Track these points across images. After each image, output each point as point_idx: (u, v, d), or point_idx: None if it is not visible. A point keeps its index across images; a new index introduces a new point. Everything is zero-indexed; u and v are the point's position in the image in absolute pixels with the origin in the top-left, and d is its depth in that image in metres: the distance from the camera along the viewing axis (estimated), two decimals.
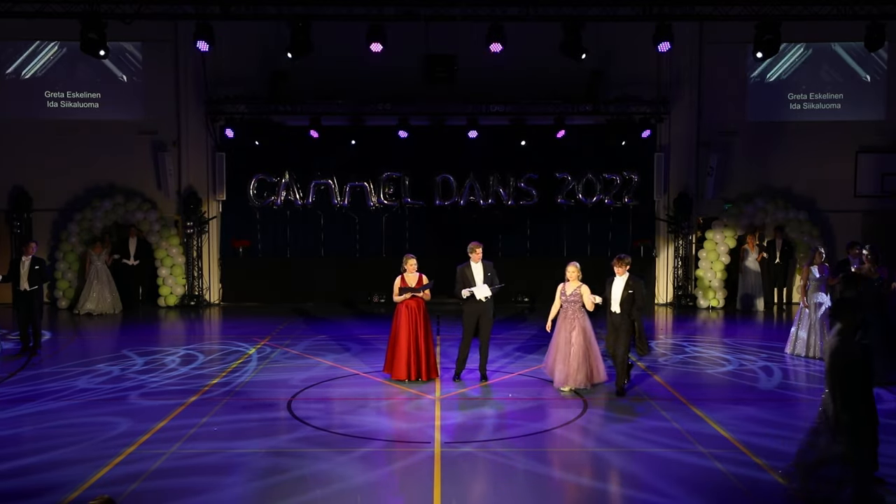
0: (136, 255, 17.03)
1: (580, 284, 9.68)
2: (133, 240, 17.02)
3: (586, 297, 9.60)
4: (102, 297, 16.37)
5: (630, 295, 9.41)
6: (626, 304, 9.44)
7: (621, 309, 9.46)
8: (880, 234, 16.74)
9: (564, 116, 17.05)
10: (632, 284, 9.45)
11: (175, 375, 10.70)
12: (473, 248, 10.19)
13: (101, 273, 16.46)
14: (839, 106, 17.74)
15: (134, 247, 17.00)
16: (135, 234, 17.06)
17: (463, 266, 10.24)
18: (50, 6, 12.97)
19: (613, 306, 9.52)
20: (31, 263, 11.91)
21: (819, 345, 11.77)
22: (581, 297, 9.63)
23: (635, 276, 9.54)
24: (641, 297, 9.47)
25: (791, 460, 6.49)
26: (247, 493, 6.55)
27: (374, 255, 18.02)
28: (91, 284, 16.38)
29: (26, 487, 6.59)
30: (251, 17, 13.99)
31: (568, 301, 9.66)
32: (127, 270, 16.99)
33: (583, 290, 9.62)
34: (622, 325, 9.47)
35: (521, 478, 6.98)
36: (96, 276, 16.40)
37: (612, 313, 9.54)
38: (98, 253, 16.49)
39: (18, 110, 17.48)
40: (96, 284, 16.38)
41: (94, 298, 16.32)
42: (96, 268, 16.42)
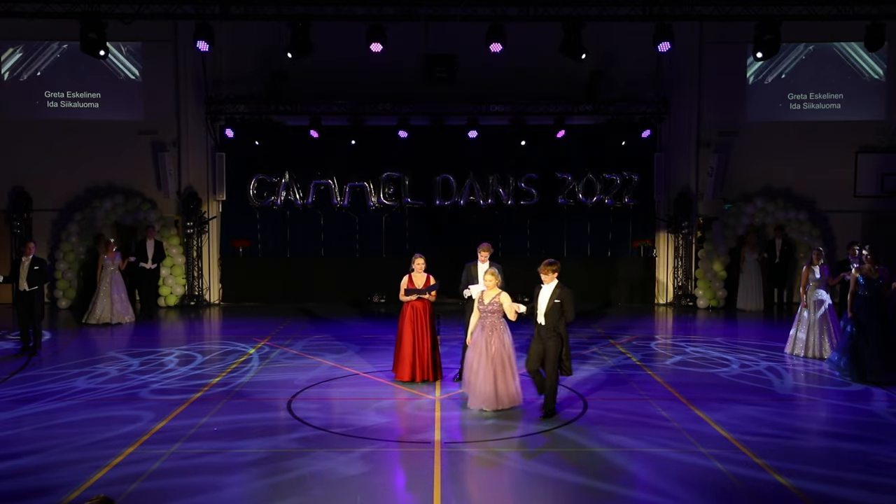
0: (154, 258, 15.99)
1: (499, 292, 8.80)
2: (151, 241, 15.98)
3: (507, 307, 8.71)
4: (116, 305, 15.14)
5: (557, 305, 8.48)
6: (552, 314, 8.50)
7: (547, 320, 8.53)
8: (880, 234, 16.75)
9: (564, 116, 17.06)
10: (560, 293, 8.54)
11: (175, 375, 10.70)
12: (481, 249, 10.18)
13: (115, 279, 15.23)
14: (839, 106, 17.74)
15: (152, 249, 15.93)
16: (152, 236, 16.08)
17: (470, 264, 10.25)
18: (50, 6, 12.96)
19: (539, 317, 8.61)
20: (30, 264, 11.91)
21: (818, 345, 11.78)
22: (501, 307, 8.74)
23: (564, 285, 8.66)
24: (571, 308, 8.55)
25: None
26: (247, 493, 6.54)
27: (374, 255, 18.02)
28: (102, 292, 15.09)
29: (26, 488, 6.58)
30: (251, 17, 13.98)
31: (486, 311, 8.75)
32: (144, 274, 15.97)
33: (503, 298, 8.74)
34: (549, 338, 8.51)
35: (520, 478, 6.98)
36: (109, 282, 15.13)
37: (539, 325, 8.63)
38: (112, 258, 15.20)
39: (18, 110, 17.48)
40: (109, 292, 15.12)
41: (106, 307, 15.07)
42: (109, 273, 15.19)
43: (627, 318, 16.04)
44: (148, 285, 16.10)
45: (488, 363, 8.60)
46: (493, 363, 8.61)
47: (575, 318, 8.67)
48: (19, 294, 12.00)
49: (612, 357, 11.91)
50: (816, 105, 17.82)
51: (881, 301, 10.50)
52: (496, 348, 8.65)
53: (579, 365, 11.32)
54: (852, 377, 10.36)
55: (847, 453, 7.51)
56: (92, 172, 17.48)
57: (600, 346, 12.75)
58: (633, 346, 12.86)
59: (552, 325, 8.52)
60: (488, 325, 8.74)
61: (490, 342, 8.66)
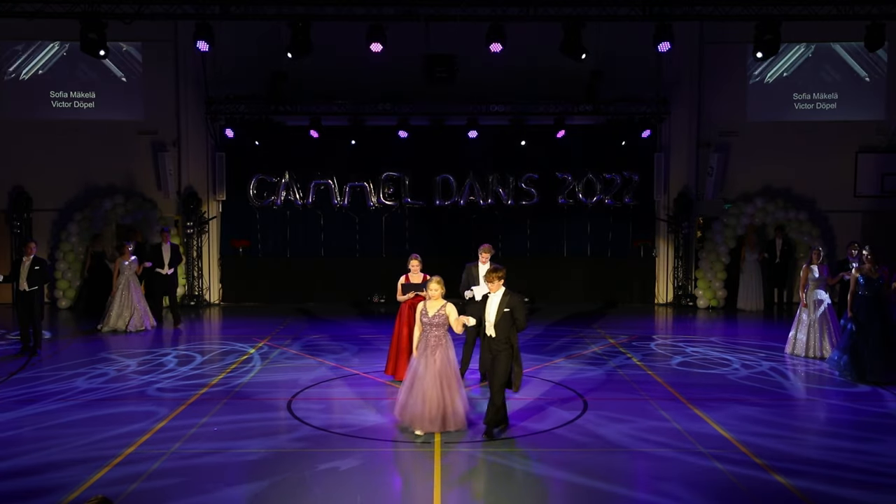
0: (171, 263, 14.90)
1: (444, 303, 7.99)
2: (167, 245, 14.91)
3: (453, 320, 7.95)
4: (134, 312, 14.17)
5: (508, 314, 7.79)
6: (503, 325, 7.81)
7: (498, 332, 7.83)
8: (880, 234, 16.75)
9: (564, 116, 17.07)
10: (510, 301, 7.83)
11: (175, 375, 10.70)
12: (482, 250, 10.19)
13: (132, 285, 14.28)
14: (839, 106, 17.73)
15: (168, 253, 14.82)
16: (168, 239, 15.08)
17: (471, 265, 10.26)
18: (50, 6, 12.96)
19: (489, 329, 7.90)
20: (31, 264, 11.90)
21: (818, 345, 11.78)
22: (447, 320, 7.97)
23: (513, 292, 7.96)
24: (523, 315, 7.89)
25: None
26: (247, 494, 6.54)
27: (374, 255, 18.03)
28: (119, 299, 14.14)
29: (26, 488, 6.58)
30: (251, 17, 13.97)
31: (431, 325, 7.93)
32: (161, 281, 14.88)
33: (448, 310, 7.95)
34: (501, 350, 7.85)
35: (520, 478, 6.98)
36: (126, 287, 14.19)
37: (489, 337, 7.93)
38: (128, 260, 14.29)
39: (18, 110, 17.49)
40: (129, 299, 14.19)
41: (123, 315, 14.15)
42: (126, 279, 14.23)
43: (627, 318, 16.03)
44: (166, 292, 15.04)
45: (434, 382, 7.81)
46: (440, 382, 7.82)
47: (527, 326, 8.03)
48: (19, 294, 11.99)
49: (612, 357, 11.91)
50: (816, 105, 17.82)
51: (881, 301, 10.50)
52: (441, 365, 7.86)
53: (579, 365, 11.33)
54: (852, 377, 10.36)
55: (847, 453, 7.51)
56: (92, 172, 17.48)
57: (600, 346, 12.75)
58: (633, 346, 12.86)
59: (504, 336, 7.83)
60: (433, 340, 7.92)
61: (435, 359, 7.87)
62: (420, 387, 7.83)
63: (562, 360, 11.63)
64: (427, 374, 7.83)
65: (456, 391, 7.91)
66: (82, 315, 16.19)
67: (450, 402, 7.83)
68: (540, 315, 16.19)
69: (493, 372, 7.90)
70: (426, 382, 7.81)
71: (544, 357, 11.83)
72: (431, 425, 7.84)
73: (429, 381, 7.81)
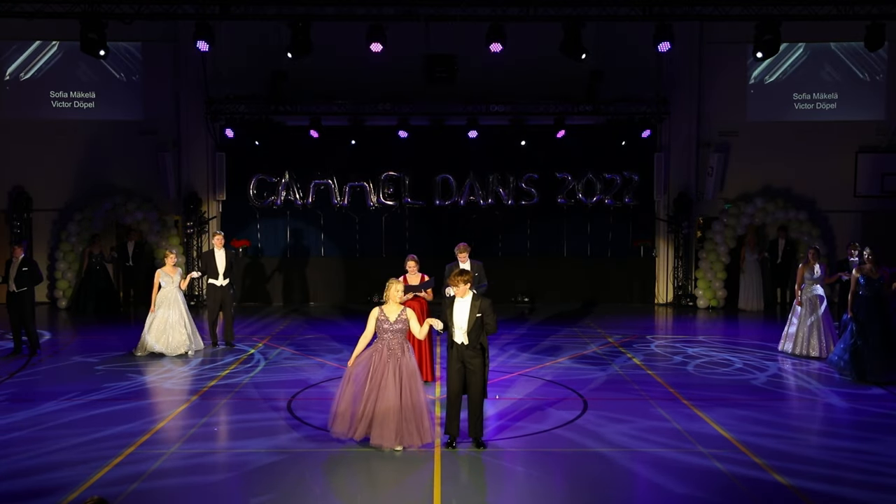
0: (226, 273, 12.81)
1: (403, 307, 7.58)
2: (221, 252, 12.72)
3: (415, 325, 7.58)
4: (177, 332, 11.94)
5: (479, 319, 7.44)
6: (475, 331, 7.45)
7: (470, 338, 7.46)
8: (880, 234, 16.74)
9: (564, 116, 17.06)
10: (480, 305, 7.47)
11: (174, 375, 10.70)
12: (459, 250, 10.27)
13: (177, 299, 12.11)
14: (839, 106, 17.73)
15: (223, 261, 12.68)
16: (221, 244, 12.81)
17: (451, 265, 10.30)
18: (50, 6, 12.96)
19: (459, 336, 7.49)
20: (19, 265, 11.87)
21: (806, 343, 11.78)
22: (408, 325, 7.50)
23: (482, 296, 7.67)
24: (493, 319, 7.52)
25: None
26: (247, 494, 6.54)
27: (374, 255, 18.02)
28: (160, 318, 11.93)
29: (25, 489, 6.58)
30: (251, 17, 13.97)
31: (393, 331, 7.42)
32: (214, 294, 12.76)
33: (409, 314, 7.52)
34: (474, 357, 7.48)
35: (520, 478, 6.98)
36: (168, 303, 12.03)
37: (459, 345, 7.51)
38: (172, 274, 12.15)
39: (19, 110, 17.48)
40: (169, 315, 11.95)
41: (163, 335, 11.85)
42: (169, 294, 12.08)
43: (627, 317, 16.03)
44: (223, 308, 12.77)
45: (405, 392, 7.31)
46: (409, 391, 7.33)
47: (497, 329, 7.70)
48: (9, 295, 11.95)
49: (612, 357, 11.90)
50: (816, 105, 17.82)
51: (881, 301, 10.50)
52: (408, 374, 7.37)
53: (579, 365, 11.33)
54: (852, 377, 10.36)
55: (847, 453, 7.51)
56: (92, 172, 17.48)
57: (600, 346, 12.75)
58: (634, 346, 12.86)
59: (476, 342, 7.48)
60: (396, 346, 7.40)
61: (401, 367, 7.36)
62: (385, 397, 7.24)
63: (561, 360, 11.63)
64: (393, 383, 7.27)
65: (424, 402, 7.45)
66: (77, 316, 16.17)
67: (419, 412, 7.35)
68: (540, 315, 16.19)
69: (471, 382, 7.50)
70: (394, 392, 7.25)
71: (544, 357, 11.83)
72: (412, 438, 7.34)
73: (397, 391, 7.26)
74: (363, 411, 7.32)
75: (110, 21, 13.17)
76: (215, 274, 12.61)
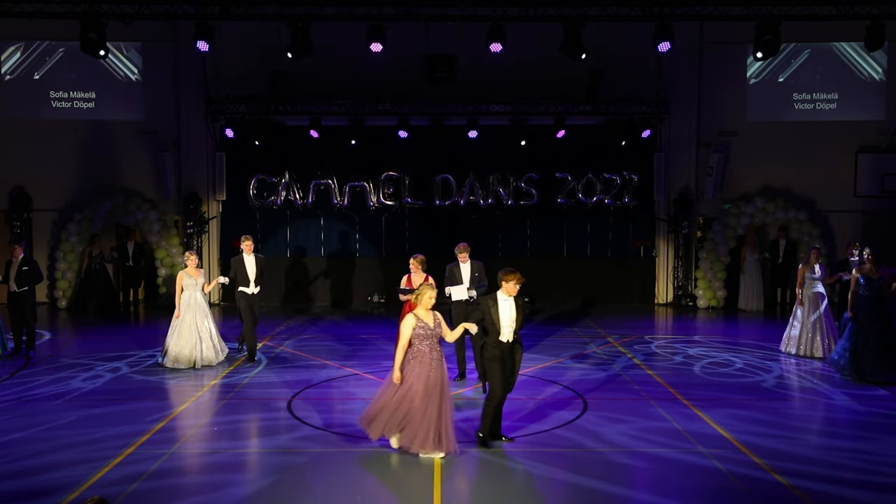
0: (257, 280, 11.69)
1: (435, 313, 7.45)
2: (251, 258, 11.68)
3: (446, 329, 7.47)
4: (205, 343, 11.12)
5: (522, 318, 7.65)
6: (518, 330, 7.66)
7: (516, 336, 7.63)
8: (880, 234, 16.74)
9: (564, 116, 17.05)
10: (520, 304, 7.64)
11: (174, 375, 10.69)
12: (460, 250, 10.29)
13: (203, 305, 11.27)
14: (839, 106, 17.73)
15: (254, 267, 11.65)
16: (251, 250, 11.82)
17: (452, 265, 10.33)
18: (50, 6, 12.96)
19: (506, 335, 7.53)
20: (20, 265, 11.88)
21: (809, 343, 11.79)
22: (441, 331, 7.43)
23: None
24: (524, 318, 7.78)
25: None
26: (247, 494, 6.54)
27: (374, 255, 18.03)
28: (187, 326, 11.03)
29: (26, 489, 6.58)
30: (251, 17, 13.98)
31: (432, 337, 7.30)
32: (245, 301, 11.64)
33: (440, 318, 7.47)
34: (517, 353, 7.65)
35: (520, 478, 6.98)
36: (195, 308, 11.14)
37: (505, 345, 7.53)
38: (195, 276, 11.24)
39: (19, 110, 17.48)
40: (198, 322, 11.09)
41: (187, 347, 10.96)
42: (193, 300, 11.18)
43: (627, 318, 16.03)
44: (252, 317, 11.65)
45: (447, 397, 7.30)
46: (446, 402, 7.28)
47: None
48: (10, 295, 11.95)
49: (612, 357, 11.91)
50: (816, 105, 17.82)
51: (881, 301, 10.50)
52: (445, 379, 7.37)
53: (579, 365, 11.33)
54: (852, 377, 10.36)
55: (847, 453, 7.51)
56: (92, 172, 17.47)
57: (600, 346, 12.75)
58: (634, 346, 12.86)
59: (517, 338, 7.65)
60: (437, 353, 7.31)
61: (441, 371, 7.31)
62: (438, 404, 7.18)
63: (561, 361, 11.63)
64: (440, 388, 7.23)
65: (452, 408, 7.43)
66: (76, 316, 16.17)
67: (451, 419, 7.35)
68: (540, 315, 16.19)
69: (510, 382, 7.62)
70: (438, 397, 7.21)
71: (544, 357, 11.83)
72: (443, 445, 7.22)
73: (443, 397, 7.24)
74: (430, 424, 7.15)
75: (110, 21, 13.17)
76: (246, 281, 11.55)
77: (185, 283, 11.19)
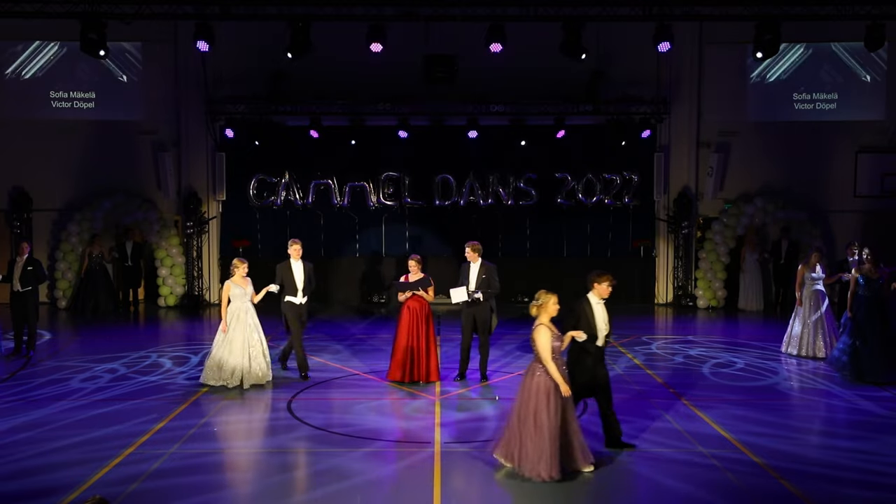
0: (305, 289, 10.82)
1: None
2: (299, 264, 10.74)
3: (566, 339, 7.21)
4: (258, 360, 9.99)
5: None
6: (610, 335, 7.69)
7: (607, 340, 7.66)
8: (880, 234, 16.73)
9: (564, 116, 17.04)
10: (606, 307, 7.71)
11: (174, 375, 10.69)
12: (468, 248, 10.24)
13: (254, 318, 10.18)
14: (839, 106, 17.73)
15: (302, 274, 10.71)
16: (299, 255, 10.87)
17: (465, 264, 10.31)
18: (50, 6, 12.96)
19: (602, 339, 7.56)
20: (24, 264, 11.89)
21: (812, 344, 11.79)
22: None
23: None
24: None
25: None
26: (247, 494, 6.54)
27: (374, 255, 18.03)
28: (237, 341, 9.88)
29: (26, 489, 6.58)
30: (251, 17, 13.98)
31: (559, 346, 7.02)
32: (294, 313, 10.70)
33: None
34: (605, 356, 7.70)
35: (520, 478, 6.97)
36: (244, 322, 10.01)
37: (598, 348, 7.54)
38: (244, 286, 10.13)
39: (19, 110, 17.47)
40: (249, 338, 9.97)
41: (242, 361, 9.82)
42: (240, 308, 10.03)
43: (627, 318, 16.01)
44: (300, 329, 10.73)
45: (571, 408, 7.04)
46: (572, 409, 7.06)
47: None
48: (13, 295, 11.96)
49: (612, 357, 11.90)
50: (816, 105, 17.80)
51: (881, 301, 10.50)
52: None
53: None
54: (851, 377, 10.35)
55: (847, 453, 7.51)
56: (92, 172, 17.46)
57: None
58: (633, 346, 12.86)
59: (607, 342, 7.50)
60: (561, 360, 7.05)
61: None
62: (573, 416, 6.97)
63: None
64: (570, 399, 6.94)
65: None
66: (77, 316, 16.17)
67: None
68: None
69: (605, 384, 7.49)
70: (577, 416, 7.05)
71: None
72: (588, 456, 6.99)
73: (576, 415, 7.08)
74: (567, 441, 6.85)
75: (110, 21, 13.17)
76: (293, 290, 10.56)
77: (234, 294, 10.02)
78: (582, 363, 7.36)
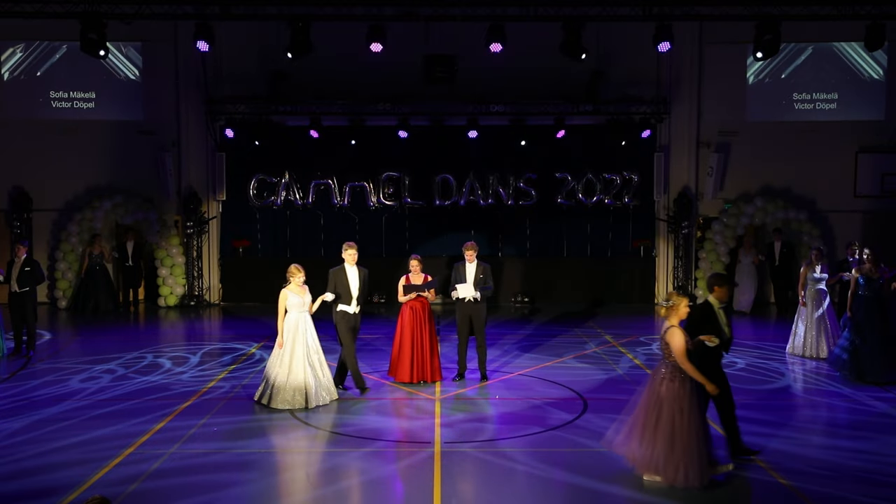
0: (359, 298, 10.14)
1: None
2: (354, 269, 10.18)
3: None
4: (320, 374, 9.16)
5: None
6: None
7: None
8: (880, 234, 16.74)
9: (564, 116, 17.05)
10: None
11: (174, 375, 10.69)
12: (466, 248, 10.26)
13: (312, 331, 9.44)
14: (839, 106, 17.73)
15: (357, 281, 10.08)
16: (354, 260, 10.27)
17: (458, 264, 10.34)
18: (50, 6, 12.95)
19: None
20: (22, 265, 11.89)
21: (815, 344, 11.78)
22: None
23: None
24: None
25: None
26: (247, 494, 6.54)
27: (374, 255, 17.98)
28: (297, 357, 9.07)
29: (26, 489, 6.58)
30: (251, 17, 13.98)
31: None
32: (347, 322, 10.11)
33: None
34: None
35: (521, 478, 6.97)
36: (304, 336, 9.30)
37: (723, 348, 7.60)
38: (302, 295, 9.43)
39: (19, 110, 17.48)
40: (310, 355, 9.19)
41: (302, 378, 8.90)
42: (298, 320, 9.34)
43: (627, 318, 16.03)
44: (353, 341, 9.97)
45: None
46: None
47: None
48: (11, 295, 11.96)
49: (612, 357, 11.90)
50: (816, 105, 17.81)
51: (881, 301, 10.50)
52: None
53: (579, 365, 11.33)
54: (852, 377, 10.35)
55: (847, 453, 7.50)
56: (92, 172, 17.47)
57: (600, 346, 12.75)
58: (634, 346, 12.85)
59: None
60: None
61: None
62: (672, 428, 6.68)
63: (562, 361, 11.62)
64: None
65: None
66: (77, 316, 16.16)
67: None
68: (540, 315, 16.19)
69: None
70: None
71: (544, 357, 11.82)
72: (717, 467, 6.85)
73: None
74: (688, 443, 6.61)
75: (110, 21, 13.17)
76: (348, 298, 9.84)
77: (292, 303, 9.27)
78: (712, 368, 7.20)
